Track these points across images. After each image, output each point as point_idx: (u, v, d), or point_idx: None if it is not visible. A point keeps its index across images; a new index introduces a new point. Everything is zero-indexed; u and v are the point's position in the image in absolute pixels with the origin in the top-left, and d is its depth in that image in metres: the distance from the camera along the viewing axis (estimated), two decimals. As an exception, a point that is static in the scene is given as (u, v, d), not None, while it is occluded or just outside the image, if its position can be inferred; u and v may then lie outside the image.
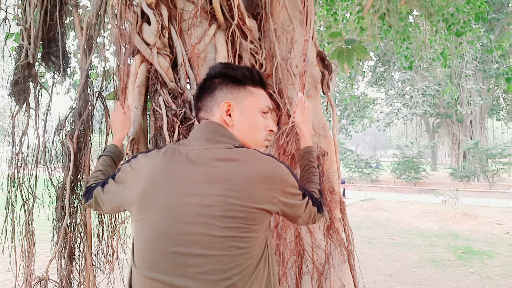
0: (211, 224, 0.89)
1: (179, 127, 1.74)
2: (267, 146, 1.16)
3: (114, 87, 1.84)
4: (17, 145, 2.39)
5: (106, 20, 2.27)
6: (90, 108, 2.21)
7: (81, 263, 2.24)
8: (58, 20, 2.40)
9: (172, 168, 0.96)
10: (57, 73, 2.51)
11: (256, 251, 0.93)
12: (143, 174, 0.98)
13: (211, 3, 1.81)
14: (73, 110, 2.25)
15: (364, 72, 17.01)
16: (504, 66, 14.48)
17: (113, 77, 1.80)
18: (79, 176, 2.22)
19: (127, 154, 1.78)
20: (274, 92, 1.92)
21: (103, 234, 2.25)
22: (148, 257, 0.92)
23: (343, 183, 13.13)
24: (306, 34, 1.76)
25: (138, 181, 0.98)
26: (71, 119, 2.24)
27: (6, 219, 2.33)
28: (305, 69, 1.42)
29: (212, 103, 1.07)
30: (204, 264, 0.88)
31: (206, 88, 1.10)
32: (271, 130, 1.13)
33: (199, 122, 1.12)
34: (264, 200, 0.93)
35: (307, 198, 1.07)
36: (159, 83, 1.79)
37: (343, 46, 2.43)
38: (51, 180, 2.33)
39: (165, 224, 0.91)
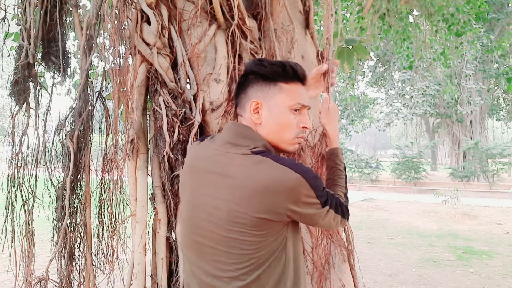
0: (219, 224, 0.99)
1: (179, 127, 1.74)
2: (299, 143, 1.11)
3: (113, 87, 1.84)
4: (17, 145, 2.39)
5: (106, 19, 2.27)
6: (90, 108, 2.21)
7: (81, 263, 2.24)
8: (58, 20, 2.40)
9: (196, 165, 1.09)
10: (57, 73, 2.51)
11: (263, 252, 0.97)
12: (185, 165, 1.17)
13: (211, 3, 1.81)
14: (73, 110, 2.25)
15: (364, 72, 17.01)
16: (505, 66, 14.48)
17: (113, 77, 1.80)
18: (79, 176, 2.22)
19: (127, 154, 1.78)
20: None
21: (103, 234, 2.25)
22: (181, 239, 1.17)
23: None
24: (327, 31, 1.76)
25: (182, 171, 1.21)
26: (71, 119, 2.24)
27: (6, 219, 2.33)
28: (329, 68, 1.38)
29: (245, 100, 1.10)
30: (214, 254, 1.00)
31: (240, 85, 1.13)
32: (304, 127, 1.09)
33: (236, 117, 1.16)
34: (268, 210, 0.94)
35: (327, 207, 1.01)
36: (159, 83, 1.79)
37: (343, 46, 2.43)
38: (51, 180, 2.33)
39: (188, 216, 1.09)
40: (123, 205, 2.11)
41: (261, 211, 0.94)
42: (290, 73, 1.08)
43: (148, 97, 1.90)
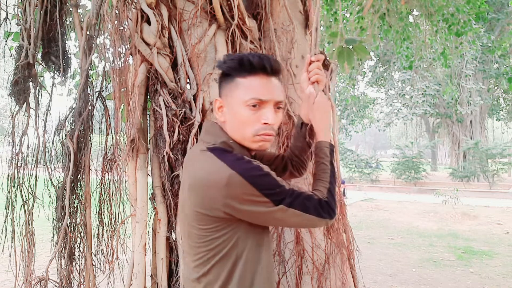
0: (183, 218, 1.07)
1: (179, 127, 1.74)
2: (265, 141, 1.04)
3: (114, 87, 1.84)
4: (17, 145, 2.39)
5: (106, 19, 2.27)
6: (90, 108, 2.21)
7: (81, 263, 2.24)
8: (58, 20, 2.40)
9: (184, 164, 1.15)
10: (57, 73, 2.51)
11: (209, 247, 1.00)
12: None
13: (211, 3, 1.81)
14: (73, 110, 2.25)
15: (364, 72, 17.01)
16: (505, 66, 14.48)
17: (113, 77, 1.80)
18: (79, 176, 2.22)
19: (127, 154, 1.78)
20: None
21: (103, 234, 2.25)
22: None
23: (343, 183, 13.10)
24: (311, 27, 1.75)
25: None
26: (71, 119, 2.24)
27: (6, 219, 2.33)
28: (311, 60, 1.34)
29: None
30: (184, 245, 1.11)
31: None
32: (265, 123, 1.02)
33: None
34: (204, 205, 0.97)
35: (282, 205, 0.96)
36: (159, 83, 1.79)
37: (344, 46, 2.43)
38: (51, 180, 2.33)
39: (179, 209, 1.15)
40: (123, 205, 2.11)
41: (198, 205, 0.98)
42: (247, 66, 1.02)
43: (148, 97, 1.90)
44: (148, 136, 1.90)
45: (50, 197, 2.34)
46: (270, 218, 0.98)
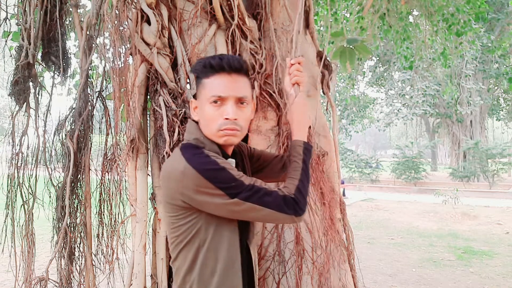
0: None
1: (179, 127, 1.74)
2: (228, 135, 1.10)
3: (114, 87, 1.84)
4: (17, 145, 2.39)
5: (106, 19, 2.27)
6: (90, 108, 2.21)
7: (81, 263, 2.24)
8: (58, 20, 2.40)
9: None
10: (57, 73, 2.51)
11: (177, 234, 1.11)
12: None
13: (211, 3, 1.81)
14: (73, 110, 2.25)
15: (364, 72, 17.01)
16: (505, 66, 14.48)
17: (113, 77, 1.80)
18: (79, 176, 2.22)
19: (127, 154, 1.78)
20: (274, 92, 1.92)
21: (103, 234, 2.25)
22: None
23: (342, 183, 13.13)
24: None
25: None
26: (71, 119, 2.24)
27: (6, 219, 2.33)
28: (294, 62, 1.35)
29: None
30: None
31: None
32: (226, 118, 1.08)
33: None
34: (168, 195, 1.10)
35: (238, 199, 1.02)
36: (159, 83, 1.79)
37: (345, 46, 2.43)
38: (51, 180, 2.33)
39: None
40: (123, 205, 2.11)
41: (165, 195, 1.12)
42: (208, 67, 1.11)
43: (148, 97, 1.90)
44: (148, 136, 1.90)
45: (50, 197, 2.34)
46: (226, 210, 1.05)
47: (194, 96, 1.20)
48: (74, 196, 2.21)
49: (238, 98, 1.11)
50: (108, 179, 2.16)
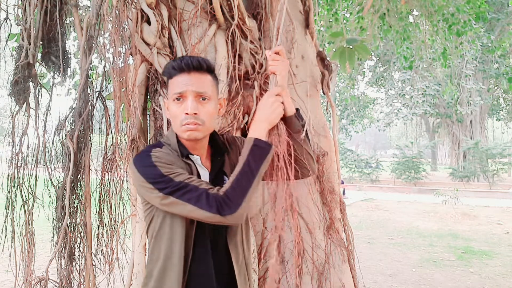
0: None
1: (179, 127, 1.74)
2: (190, 130, 1.14)
3: (114, 87, 1.84)
4: (17, 145, 2.39)
5: (106, 19, 2.27)
6: (90, 108, 2.21)
7: (81, 263, 2.24)
8: (58, 20, 2.40)
9: None
10: (57, 73, 2.50)
11: (145, 224, 1.21)
12: None
13: (211, 3, 1.80)
14: (73, 110, 2.25)
15: (364, 72, 17.00)
16: (505, 66, 14.47)
17: (113, 77, 1.80)
18: (79, 176, 2.22)
19: (127, 154, 1.78)
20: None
21: (103, 234, 2.25)
22: None
23: (342, 183, 13.13)
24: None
25: None
26: (71, 119, 2.24)
27: (6, 219, 2.33)
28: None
29: None
30: None
31: None
32: (186, 113, 1.13)
33: None
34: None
35: (163, 194, 1.07)
36: (159, 83, 1.79)
37: (345, 46, 2.43)
38: (51, 180, 2.33)
39: None
40: (123, 205, 2.11)
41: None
42: (170, 69, 1.18)
43: (148, 97, 1.90)
44: (148, 136, 1.90)
45: (50, 197, 2.34)
46: (159, 204, 1.11)
47: None
48: (74, 196, 2.21)
49: (197, 93, 1.15)
50: (108, 179, 2.16)
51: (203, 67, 1.18)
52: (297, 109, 1.33)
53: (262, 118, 1.23)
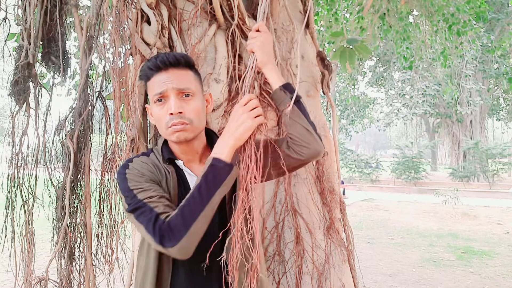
0: None
1: (179, 127, 1.74)
2: (177, 131, 1.06)
3: (114, 87, 1.84)
4: (17, 145, 2.39)
5: (106, 19, 2.27)
6: (90, 108, 2.21)
7: (81, 263, 2.24)
8: (58, 20, 2.40)
9: None
10: (57, 73, 2.50)
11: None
12: None
13: (211, 3, 1.81)
14: (73, 110, 2.25)
15: (364, 72, 17.00)
16: (505, 66, 14.47)
17: (113, 77, 1.80)
18: (79, 176, 2.22)
19: (128, 154, 1.78)
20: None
21: (102, 234, 2.25)
22: None
23: (342, 183, 13.12)
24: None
25: None
26: (71, 119, 2.24)
27: (6, 219, 2.33)
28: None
29: None
30: None
31: None
32: (171, 114, 1.05)
33: None
34: None
35: (128, 210, 1.01)
36: (159, 83, 1.79)
37: (345, 46, 2.43)
38: (51, 180, 2.33)
39: None
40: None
41: None
42: (146, 70, 1.10)
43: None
44: (148, 136, 1.90)
45: (50, 197, 2.34)
46: (127, 214, 1.05)
47: None
48: (74, 196, 2.21)
49: (178, 90, 1.06)
50: (108, 179, 2.16)
51: (181, 62, 1.09)
52: (288, 83, 1.17)
53: (227, 134, 1.04)
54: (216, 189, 0.98)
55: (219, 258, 1.01)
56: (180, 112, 1.06)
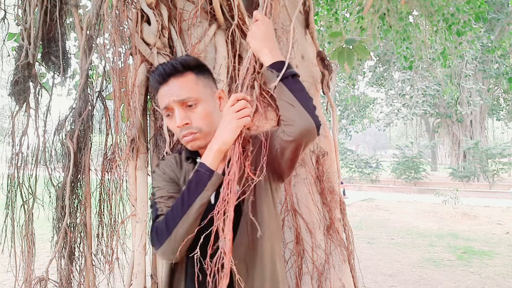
0: None
1: (179, 127, 1.74)
2: (191, 140, 1.08)
3: (114, 87, 1.85)
4: (17, 145, 2.39)
5: (106, 19, 2.27)
6: (90, 108, 2.21)
7: (81, 263, 2.24)
8: (58, 20, 2.40)
9: None
10: (57, 73, 2.50)
11: None
12: None
13: (211, 3, 1.80)
14: (73, 110, 2.25)
15: (364, 72, 17.00)
16: (505, 66, 14.47)
17: (113, 77, 1.80)
18: (79, 176, 2.22)
19: (127, 154, 1.78)
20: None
21: (103, 234, 2.25)
22: None
23: (341, 183, 13.11)
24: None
25: None
26: (71, 119, 2.24)
27: (6, 219, 2.33)
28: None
29: None
30: None
31: None
32: (178, 127, 1.07)
33: None
34: None
35: (150, 206, 1.12)
36: (159, 83, 1.79)
37: (344, 46, 2.43)
38: (51, 180, 2.33)
39: None
40: (123, 205, 2.11)
41: None
42: (153, 83, 1.12)
43: (148, 97, 1.90)
44: (148, 136, 1.90)
45: (50, 197, 2.34)
46: None
47: None
48: (74, 196, 2.20)
49: (179, 101, 1.06)
50: (108, 179, 2.16)
51: (178, 69, 1.08)
52: (277, 62, 1.07)
53: (214, 138, 1.04)
54: (197, 195, 0.99)
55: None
56: (187, 123, 1.07)
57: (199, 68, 1.14)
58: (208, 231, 0.95)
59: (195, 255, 0.95)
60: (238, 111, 1.02)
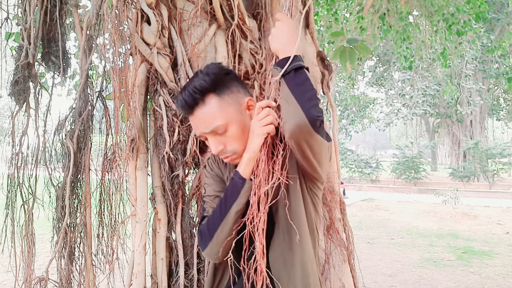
0: None
1: (179, 127, 1.74)
2: (230, 162, 1.16)
3: (114, 87, 1.85)
4: (17, 145, 2.38)
5: (106, 19, 2.27)
6: (90, 108, 2.21)
7: (81, 263, 2.24)
8: (58, 20, 2.40)
9: None
10: (57, 73, 2.50)
11: None
12: None
13: (211, 3, 1.80)
14: (73, 110, 2.25)
15: (364, 72, 17.01)
16: (505, 66, 14.47)
17: (113, 77, 1.80)
18: (79, 176, 2.22)
19: (127, 154, 1.78)
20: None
21: (103, 234, 2.25)
22: None
23: (342, 183, 13.11)
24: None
25: None
26: (71, 119, 2.24)
27: (6, 219, 2.33)
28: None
29: None
30: None
31: None
32: (214, 154, 1.16)
33: None
34: None
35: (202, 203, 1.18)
36: (159, 83, 1.79)
37: (345, 46, 2.42)
38: (51, 180, 2.33)
39: None
40: (123, 205, 2.11)
41: None
42: (183, 109, 1.13)
43: (148, 97, 1.90)
44: (148, 136, 1.90)
45: (50, 197, 2.34)
46: None
47: None
48: (74, 196, 2.20)
49: (209, 132, 1.10)
50: (108, 179, 2.16)
51: (197, 99, 1.07)
52: (283, 59, 1.10)
53: (247, 146, 1.10)
54: (232, 202, 1.06)
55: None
56: (222, 149, 1.12)
57: (217, 84, 1.10)
58: (241, 235, 1.03)
59: (231, 258, 1.04)
60: (262, 119, 1.07)
